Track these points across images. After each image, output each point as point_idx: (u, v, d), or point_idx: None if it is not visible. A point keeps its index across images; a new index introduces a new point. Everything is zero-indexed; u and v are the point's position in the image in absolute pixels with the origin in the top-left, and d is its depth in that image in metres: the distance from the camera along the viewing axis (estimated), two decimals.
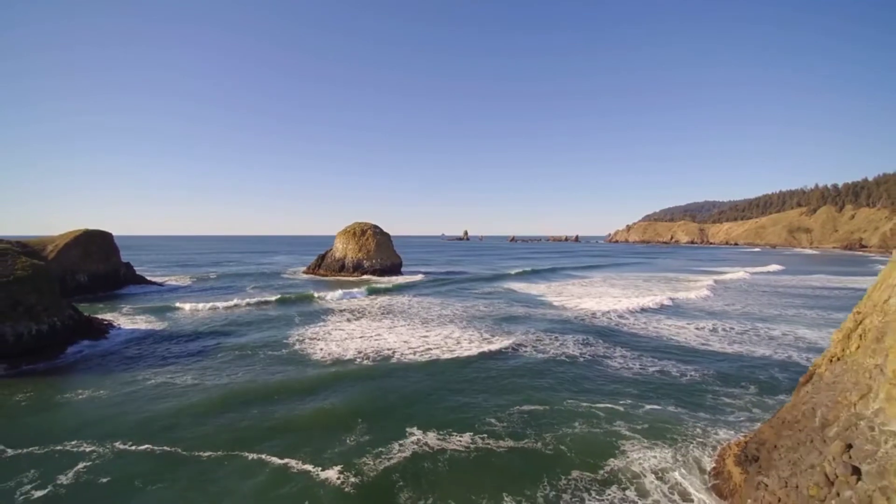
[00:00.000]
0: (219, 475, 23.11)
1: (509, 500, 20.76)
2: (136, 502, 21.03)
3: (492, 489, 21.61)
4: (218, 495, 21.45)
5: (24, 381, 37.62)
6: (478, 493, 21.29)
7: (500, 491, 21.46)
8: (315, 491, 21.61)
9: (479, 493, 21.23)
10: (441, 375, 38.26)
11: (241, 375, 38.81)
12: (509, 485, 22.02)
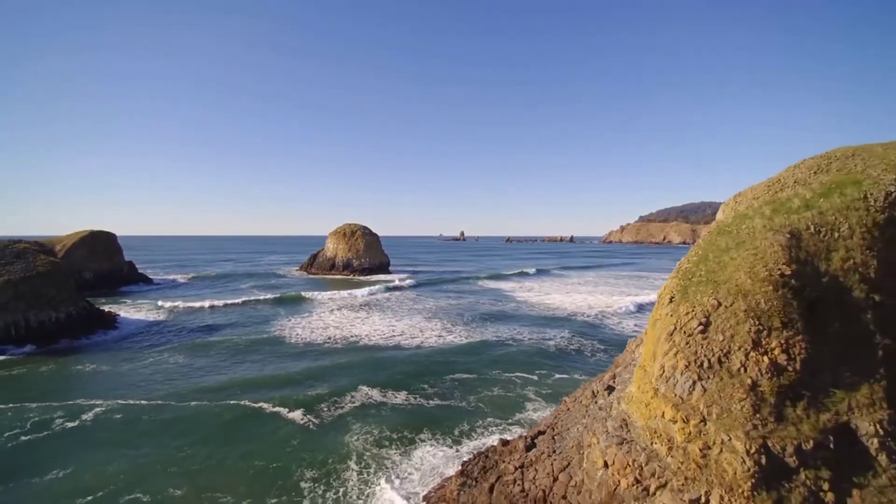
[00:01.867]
0: (206, 416, 30.71)
1: (432, 433, 28.22)
2: (141, 430, 28.62)
3: (420, 426, 29.07)
4: (205, 427, 29.02)
5: (47, 358, 44.96)
6: (410, 429, 28.74)
7: (426, 427, 28.94)
8: (284, 425, 29.20)
9: (411, 429, 28.68)
10: (396, 354, 45.84)
11: (228, 353, 46.41)
12: (434, 425, 29.48)
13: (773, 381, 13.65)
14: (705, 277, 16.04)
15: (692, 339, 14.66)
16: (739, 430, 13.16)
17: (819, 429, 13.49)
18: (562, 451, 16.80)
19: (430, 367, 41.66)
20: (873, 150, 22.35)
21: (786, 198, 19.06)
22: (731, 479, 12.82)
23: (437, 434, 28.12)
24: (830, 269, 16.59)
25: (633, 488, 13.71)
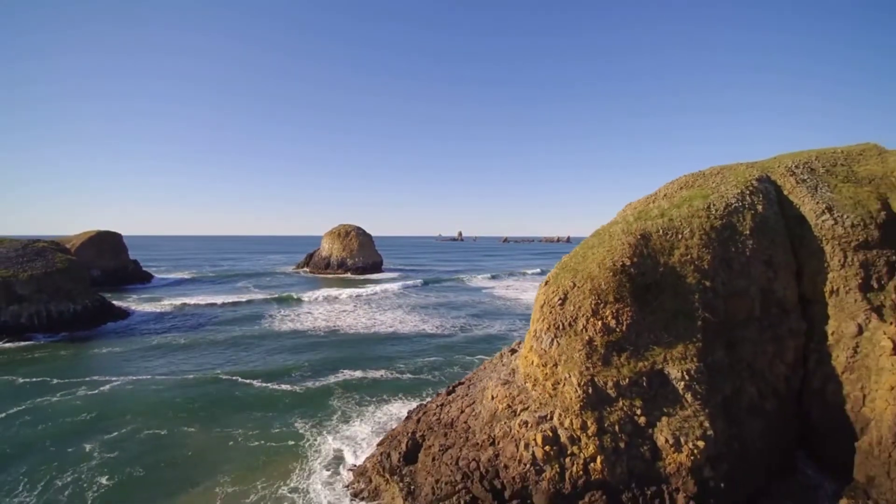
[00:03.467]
0: (206, 387, 36.71)
1: (403, 396, 34.26)
2: (151, 396, 34.66)
3: (394, 393, 35.14)
4: (206, 394, 35.00)
5: (67, 344, 50.87)
6: (385, 394, 34.79)
7: (399, 393, 35.00)
8: (275, 393, 35.18)
9: (386, 394, 34.70)
10: (375, 341, 51.86)
11: (225, 341, 52.37)
12: (404, 391, 35.55)
13: (603, 338, 19.60)
14: (571, 266, 22.01)
15: (554, 310, 20.61)
16: (576, 370, 19.11)
17: (635, 372, 19.44)
18: (471, 395, 22.74)
19: (405, 351, 47.64)
20: (736, 169, 28.45)
21: (649, 208, 25.08)
22: (568, 403, 18.77)
23: (407, 397, 34.14)
24: (670, 262, 22.57)
25: (506, 410, 19.66)
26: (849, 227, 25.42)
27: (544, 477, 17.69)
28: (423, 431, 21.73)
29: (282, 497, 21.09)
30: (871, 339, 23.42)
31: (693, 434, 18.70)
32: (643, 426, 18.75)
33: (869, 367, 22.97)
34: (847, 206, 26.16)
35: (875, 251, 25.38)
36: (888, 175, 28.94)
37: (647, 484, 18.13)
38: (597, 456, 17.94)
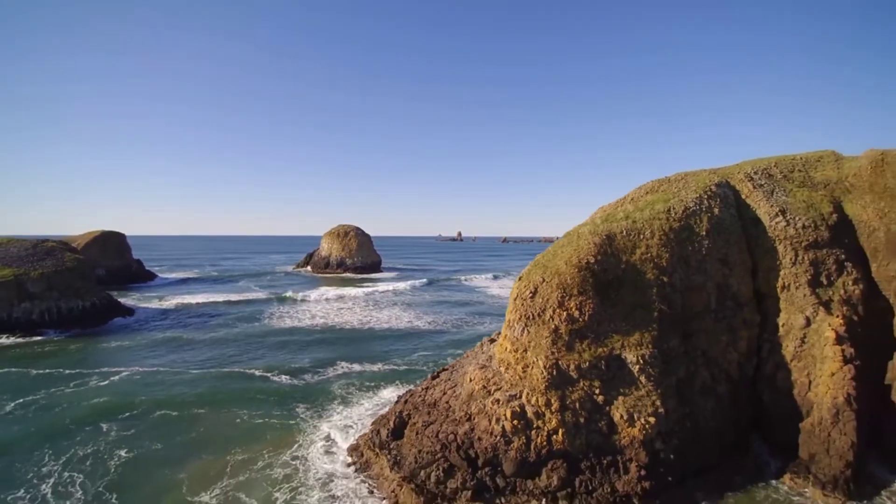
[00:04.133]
0: (209, 377, 39.12)
1: (398, 383, 36.72)
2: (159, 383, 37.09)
3: (390, 381, 37.54)
4: (209, 382, 37.47)
5: (77, 339, 53.29)
6: (381, 383, 37.09)
7: (395, 381, 37.49)
8: (276, 384, 37.52)
9: (382, 384, 36.99)
10: (371, 337, 54.28)
11: (227, 336, 54.80)
12: (400, 379, 38.03)
13: (568, 327, 22.01)
14: (542, 263, 24.44)
15: (525, 302, 23.03)
16: (543, 355, 21.53)
17: (595, 356, 21.86)
18: (454, 379, 25.15)
19: (399, 346, 50.12)
20: (699, 175, 30.89)
21: (616, 211, 27.52)
22: (535, 383, 21.19)
23: (400, 385, 36.52)
24: (632, 260, 24.99)
25: (482, 391, 22.08)
26: (800, 228, 27.86)
27: (512, 447, 20.12)
28: (409, 411, 24.15)
29: (285, 464, 23.64)
30: (817, 331, 25.84)
31: (645, 411, 21.12)
32: (601, 404, 21.17)
33: (814, 355, 25.40)
34: (800, 209, 28.60)
35: (825, 250, 27.82)
36: (843, 180, 31.41)
37: (603, 454, 20.55)
38: (559, 429, 20.37)
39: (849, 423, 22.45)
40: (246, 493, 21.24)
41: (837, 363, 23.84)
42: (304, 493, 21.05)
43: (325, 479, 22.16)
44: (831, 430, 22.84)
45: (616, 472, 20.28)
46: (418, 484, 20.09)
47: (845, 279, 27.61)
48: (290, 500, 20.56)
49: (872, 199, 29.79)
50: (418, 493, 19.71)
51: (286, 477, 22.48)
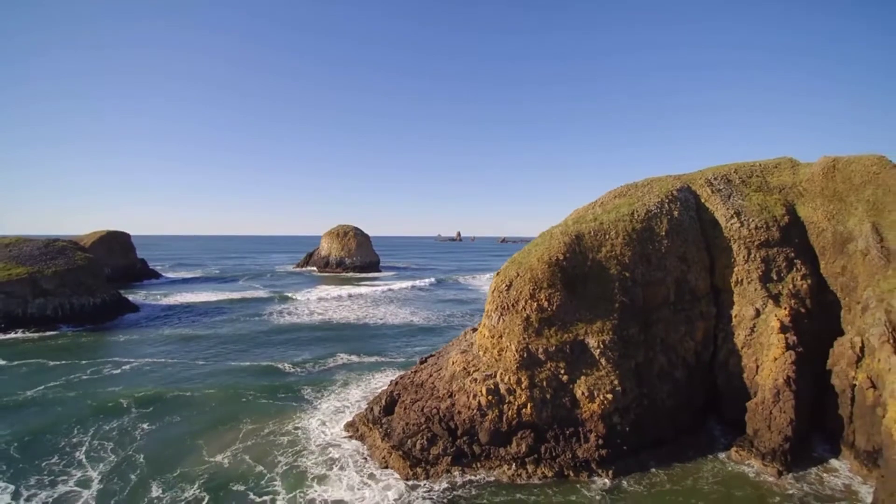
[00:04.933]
0: (215, 368, 42.01)
1: (394, 370, 39.56)
2: (169, 373, 39.97)
3: (382, 370, 40.52)
4: (216, 372, 40.35)
5: (88, 333, 56.24)
6: (376, 371, 40.10)
7: (391, 368, 40.41)
8: (280, 371, 40.47)
9: (377, 371, 40.00)
10: (368, 331, 57.25)
11: (230, 331, 57.71)
12: (396, 367, 40.94)
13: (537, 315, 24.98)
14: (517, 260, 27.44)
15: (501, 294, 26.01)
16: (515, 339, 24.50)
17: (561, 341, 24.82)
18: (439, 363, 28.12)
19: (394, 339, 53.14)
20: (663, 181, 33.90)
21: (586, 213, 30.53)
22: (508, 364, 24.16)
23: (395, 371, 39.41)
24: (598, 257, 27.98)
25: (462, 372, 25.06)
26: (753, 228, 30.89)
27: (487, 419, 23.10)
28: (399, 391, 27.14)
29: (288, 433, 26.89)
30: (765, 321, 28.87)
31: (604, 389, 24.09)
32: (565, 382, 24.14)
33: (762, 343, 28.41)
34: (754, 212, 31.62)
35: (776, 249, 30.85)
36: (797, 184, 34.45)
37: (566, 426, 23.52)
38: (528, 404, 23.34)
39: (788, 402, 25.39)
40: (254, 455, 24.44)
41: (780, 349, 26.80)
42: (305, 457, 24.13)
43: (323, 445, 25.20)
44: (773, 409, 25.78)
45: (577, 441, 23.26)
46: (405, 451, 23.07)
47: (794, 275, 30.63)
48: (292, 462, 23.59)
49: (823, 202, 32.82)
50: (405, 459, 22.67)
51: (289, 443, 25.61)
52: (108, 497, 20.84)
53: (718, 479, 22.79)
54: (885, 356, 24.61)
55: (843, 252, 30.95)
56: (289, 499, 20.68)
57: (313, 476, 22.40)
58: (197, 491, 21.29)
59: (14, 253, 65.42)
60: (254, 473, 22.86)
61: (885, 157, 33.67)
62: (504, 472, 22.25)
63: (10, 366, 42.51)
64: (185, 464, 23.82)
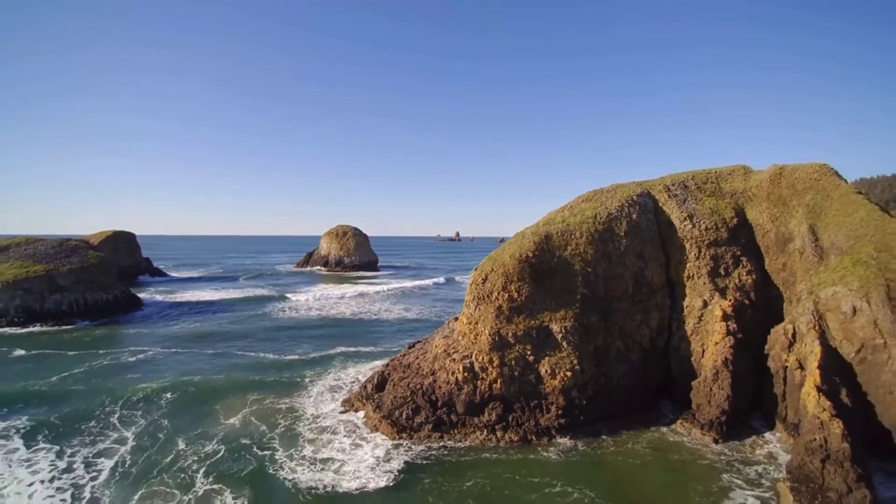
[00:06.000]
0: (224, 356, 45.90)
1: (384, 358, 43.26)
2: (180, 360, 43.85)
3: (377, 358, 44.24)
4: (222, 359, 44.25)
5: (102, 327, 60.10)
6: (372, 358, 43.95)
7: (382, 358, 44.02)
8: (283, 359, 44.43)
9: (372, 359, 43.84)
10: (365, 325, 61.20)
11: (233, 325, 61.73)
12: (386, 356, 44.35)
13: (508, 305, 28.91)
14: (493, 257, 31.39)
15: (478, 286, 29.94)
16: (489, 325, 28.43)
17: (528, 327, 28.76)
18: (425, 347, 32.04)
19: (389, 331, 57.10)
20: (626, 186, 37.86)
21: (556, 216, 34.46)
22: (482, 346, 28.09)
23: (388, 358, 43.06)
24: (564, 255, 31.91)
25: (443, 353, 28.99)
26: (703, 229, 34.86)
27: (463, 392, 27.03)
28: (389, 371, 31.06)
29: (289, 403, 31.43)
30: (711, 311, 32.83)
31: (564, 368, 28.02)
32: (531, 362, 28.06)
33: (707, 330, 32.35)
34: (705, 214, 35.59)
35: (723, 247, 34.83)
36: (747, 190, 38.43)
37: (531, 399, 27.45)
38: (498, 379, 27.26)
39: (725, 380, 29.31)
40: (259, 418, 28.96)
41: (721, 335, 30.75)
42: (303, 421, 28.47)
43: (321, 416, 29.18)
44: (712, 386, 29.71)
45: (540, 412, 27.18)
46: (393, 420, 26.98)
47: (740, 271, 34.60)
48: (290, 424, 27.89)
49: (768, 205, 36.78)
50: (392, 426, 26.58)
51: (290, 409, 29.91)
52: (142, 451, 24.87)
53: (658, 444, 26.67)
54: (810, 340, 28.62)
55: (785, 251, 34.94)
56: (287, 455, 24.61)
57: (312, 438, 26.37)
58: (214, 445, 25.55)
59: (30, 252, 69.30)
60: (259, 432, 27.19)
61: (827, 165, 37.68)
62: (477, 437, 26.16)
63: (32, 355, 46.41)
64: (204, 425, 28.13)
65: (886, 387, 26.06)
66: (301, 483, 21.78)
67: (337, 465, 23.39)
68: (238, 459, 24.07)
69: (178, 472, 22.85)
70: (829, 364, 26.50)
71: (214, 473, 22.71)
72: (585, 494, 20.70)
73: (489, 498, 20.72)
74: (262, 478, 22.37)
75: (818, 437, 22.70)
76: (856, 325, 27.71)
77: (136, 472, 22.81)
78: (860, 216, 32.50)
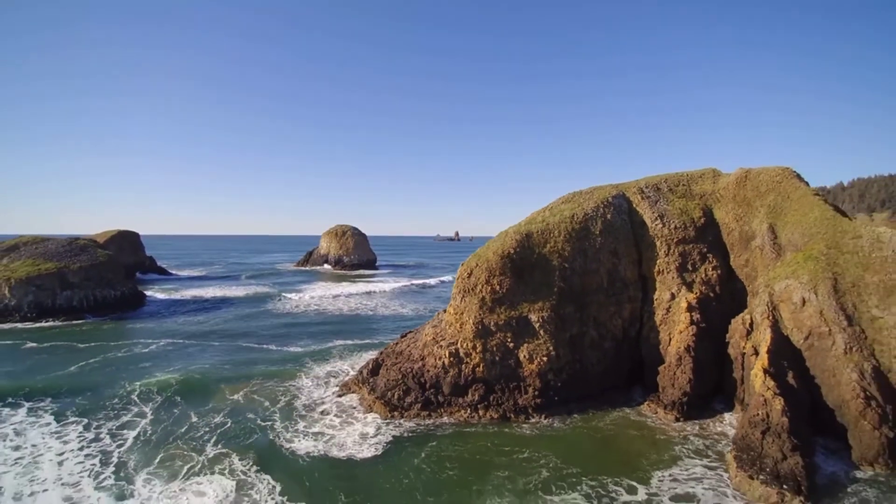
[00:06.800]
0: (230, 347, 48.87)
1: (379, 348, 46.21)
2: (189, 352, 46.82)
3: (372, 347, 47.14)
4: (227, 349, 47.25)
5: (112, 322, 63.09)
6: (368, 349, 46.83)
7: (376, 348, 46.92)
8: (285, 350, 47.42)
9: (369, 349, 46.73)
10: (361, 320, 64.25)
11: (235, 319, 64.82)
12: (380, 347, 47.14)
13: (491, 297, 31.85)
14: (478, 254, 34.33)
15: (464, 280, 32.89)
16: (473, 315, 31.39)
17: (509, 317, 31.71)
18: (416, 337, 35.01)
19: (385, 325, 60.00)
20: (603, 189, 40.79)
21: (537, 216, 37.42)
22: (467, 334, 31.05)
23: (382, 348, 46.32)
24: (543, 251, 34.85)
25: (431, 341, 31.95)
26: (672, 228, 37.82)
27: (449, 375, 30.00)
28: (383, 358, 34.03)
29: (290, 384, 34.68)
30: (678, 303, 35.78)
31: (541, 353, 30.99)
32: (511, 348, 31.02)
33: (674, 320, 35.32)
34: (675, 214, 38.55)
35: (691, 245, 37.78)
36: (716, 192, 41.39)
37: (511, 381, 30.41)
38: (481, 364, 30.23)
39: (687, 364, 32.26)
40: (262, 397, 32.46)
41: (686, 324, 33.71)
42: (301, 401, 31.78)
43: (319, 397, 32.31)
44: (676, 370, 32.66)
45: (518, 393, 30.15)
46: (386, 400, 29.94)
47: (706, 266, 37.57)
48: (290, 402, 31.33)
49: (734, 206, 39.73)
50: (385, 405, 29.54)
51: (290, 391, 33.33)
52: (160, 423, 28.23)
53: (623, 422, 29.62)
54: (763, 329, 31.60)
55: (748, 248, 37.91)
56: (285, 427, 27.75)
57: (309, 415, 29.46)
58: (222, 418, 28.98)
59: (41, 250, 72.19)
60: (262, 408, 30.67)
61: (790, 169, 40.63)
62: (461, 415, 29.14)
63: (46, 347, 49.42)
64: (213, 402, 31.65)
65: (830, 370, 28.98)
66: (298, 450, 24.83)
67: (330, 436, 26.45)
68: (243, 430, 27.26)
69: (191, 439, 26.05)
70: (779, 349, 29.45)
71: (223, 441, 25.89)
72: (549, 459, 23.67)
73: (464, 462, 23.70)
74: (264, 445, 25.46)
75: (761, 413, 25.66)
76: (804, 314, 30.70)
77: (155, 440, 25.98)
78: (815, 216, 35.46)
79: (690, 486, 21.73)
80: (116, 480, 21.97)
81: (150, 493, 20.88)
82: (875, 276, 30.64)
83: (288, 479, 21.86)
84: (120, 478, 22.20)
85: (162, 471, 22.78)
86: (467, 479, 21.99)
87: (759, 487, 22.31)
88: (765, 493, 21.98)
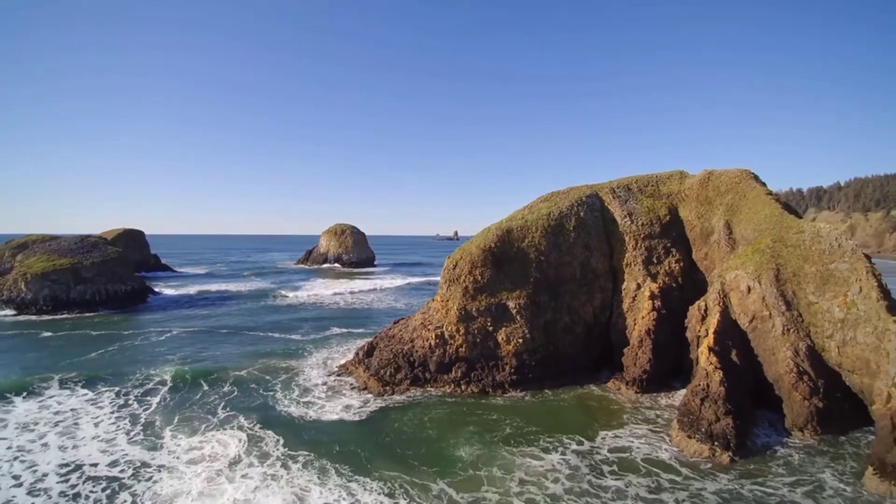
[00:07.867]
0: (235, 336, 52.77)
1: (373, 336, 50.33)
2: (199, 338, 50.76)
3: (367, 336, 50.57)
4: (233, 337, 51.23)
5: (123, 314, 66.96)
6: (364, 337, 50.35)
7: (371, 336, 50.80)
8: (286, 338, 51.30)
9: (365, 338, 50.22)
10: (358, 313, 68.23)
11: (239, 312, 68.76)
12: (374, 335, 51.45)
13: (473, 286, 35.79)
14: (463, 248, 38.30)
15: (449, 271, 36.83)
16: (457, 302, 35.33)
17: (489, 304, 35.64)
18: (407, 322, 38.97)
19: (379, 317, 63.90)
20: (579, 189, 44.74)
21: (518, 214, 41.36)
22: (451, 319, 35.00)
23: None
24: (521, 246, 38.77)
25: (420, 325, 35.93)
26: (640, 225, 41.76)
27: (435, 354, 33.95)
28: (377, 341, 37.98)
29: (291, 364, 38.79)
30: (643, 293, 39.71)
31: (517, 336, 34.92)
32: (491, 331, 34.97)
33: (639, 307, 39.25)
34: (642, 213, 42.50)
35: (656, 240, 41.72)
36: (682, 191, 45.33)
37: (490, 360, 34.35)
38: (463, 344, 34.18)
39: (647, 346, 36.19)
40: (264, 373, 36.80)
41: (648, 310, 37.66)
42: (300, 377, 35.97)
43: (316, 375, 36.40)
44: (637, 351, 36.61)
45: (497, 370, 34.10)
46: (379, 377, 33.89)
47: (670, 259, 41.51)
48: (290, 378, 35.56)
49: (696, 205, 43.68)
50: (378, 381, 33.50)
51: (290, 369, 37.69)
52: (177, 391, 33.07)
53: (587, 396, 33.55)
54: (714, 313, 35.57)
55: (707, 242, 41.87)
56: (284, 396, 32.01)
57: (307, 388, 33.54)
58: (229, 388, 33.75)
59: (54, 247, 76.02)
60: (264, 381, 35.24)
61: (748, 171, 44.57)
62: (445, 389, 33.08)
63: (63, 336, 53.28)
64: (221, 376, 36.25)
65: (770, 349, 32.94)
66: (294, 414, 29.23)
67: (324, 405, 30.56)
68: (247, 398, 31.80)
69: (204, 404, 30.70)
70: (725, 331, 33.39)
71: (230, 406, 30.53)
72: (514, 421, 27.76)
73: (441, 423, 27.85)
74: (265, 409, 29.83)
75: (702, 384, 29.60)
76: (749, 300, 34.67)
77: (174, 405, 30.62)
78: (766, 213, 39.40)
79: (629, 441, 25.71)
80: (146, 436, 26.02)
81: (176, 445, 24.88)
82: (813, 266, 34.58)
83: (289, 434, 26.06)
84: (148, 434, 26.27)
85: (184, 427, 27.08)
86: (443, 436, 25.98)
87: (694, 444, 26.27)
88: (699, 448, 25.94)
